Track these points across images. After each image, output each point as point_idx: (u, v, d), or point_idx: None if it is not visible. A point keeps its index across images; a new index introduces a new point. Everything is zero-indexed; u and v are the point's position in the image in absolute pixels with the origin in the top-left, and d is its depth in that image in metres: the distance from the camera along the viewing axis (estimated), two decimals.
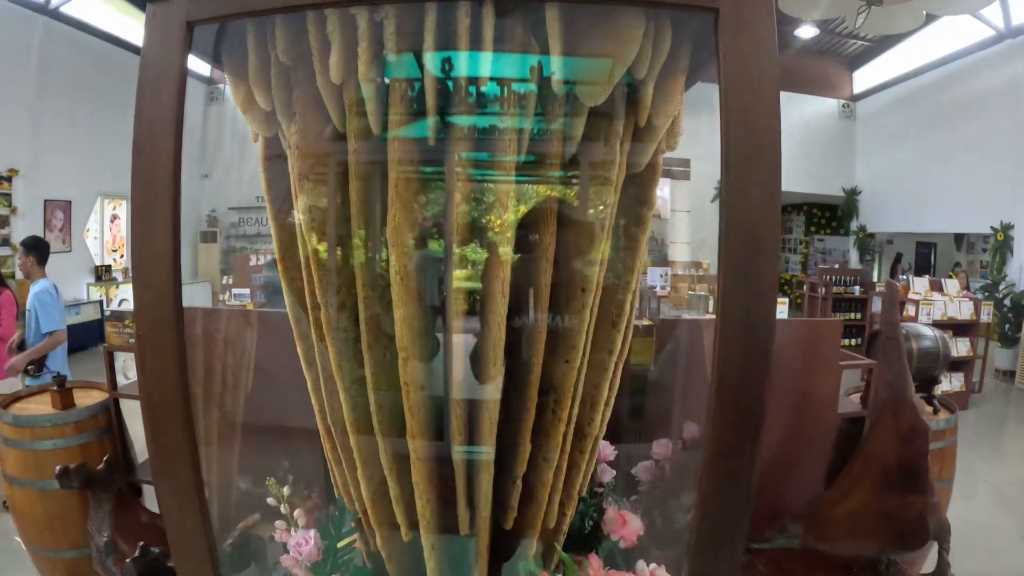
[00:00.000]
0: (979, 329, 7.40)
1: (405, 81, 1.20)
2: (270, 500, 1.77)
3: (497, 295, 1.23)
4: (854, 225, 13.63)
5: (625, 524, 1.61)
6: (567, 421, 1.34)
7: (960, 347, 7.23)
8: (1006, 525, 4.33)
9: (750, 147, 1.04)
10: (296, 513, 1.65)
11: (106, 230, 10.72)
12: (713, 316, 1.12)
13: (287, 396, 2.23)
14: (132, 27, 10.45)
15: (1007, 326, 8.25)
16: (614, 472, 2.06)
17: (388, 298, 1.20)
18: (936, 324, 7.02)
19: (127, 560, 1.73)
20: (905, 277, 8.11)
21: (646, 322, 2.82)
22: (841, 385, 3.20)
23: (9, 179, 8.57)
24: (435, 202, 1.40)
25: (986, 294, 8.37)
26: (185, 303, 1.17)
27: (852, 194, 13.35)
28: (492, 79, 1.20)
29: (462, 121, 1.22)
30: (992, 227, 9.28)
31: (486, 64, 1.16)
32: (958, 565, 3.33)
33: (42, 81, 8.87)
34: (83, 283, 9.98)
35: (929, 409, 3.54)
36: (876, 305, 8.80)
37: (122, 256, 11.12)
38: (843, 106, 13.33)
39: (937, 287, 7.55)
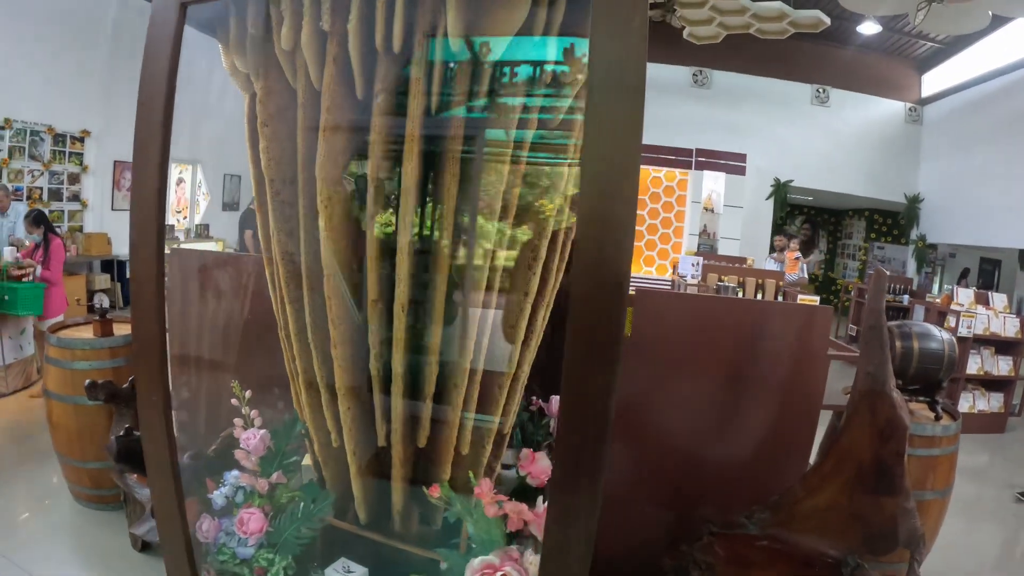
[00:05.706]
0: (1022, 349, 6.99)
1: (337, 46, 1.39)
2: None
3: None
4: (914, 234, 13.03)
5: (534, 461, 1.68)
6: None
7: (1002, 366, 6.86)
8: None
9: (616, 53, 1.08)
10: (253, 413, 1.83)
11: (171, 192, 11.37)
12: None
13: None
14: None
15: None
16: None
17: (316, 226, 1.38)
18: (977, 339, 6.73)
19: (112, 437, 1.94)
20: (950, 288, 7.78)
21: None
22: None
23: (82, 140, 9.15)
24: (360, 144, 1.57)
25: None
26: None
27: (914, 201, 12.71)
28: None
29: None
30: None
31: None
32: None
33: (114, 48, 9.28)
34: None
35: (931, 415, 3.42)
36: (918, 314, 8.46)
37: (185, 217, 11.76)
38: (910, 109, 12.70)
39: (983, 300, 7.19)
